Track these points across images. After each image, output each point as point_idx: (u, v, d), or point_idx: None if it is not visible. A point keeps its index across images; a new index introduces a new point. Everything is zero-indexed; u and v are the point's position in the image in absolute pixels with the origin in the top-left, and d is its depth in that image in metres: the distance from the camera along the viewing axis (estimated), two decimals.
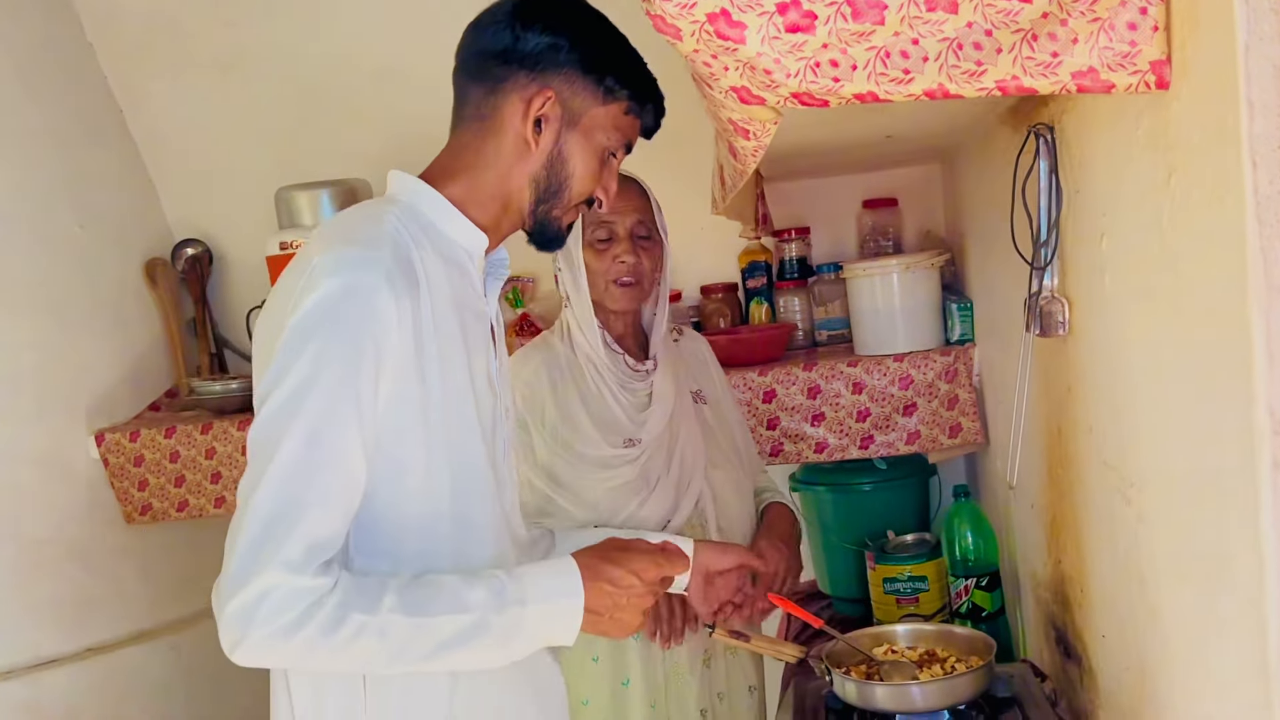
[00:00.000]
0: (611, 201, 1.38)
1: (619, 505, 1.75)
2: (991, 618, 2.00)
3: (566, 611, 1.25)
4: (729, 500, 1.87)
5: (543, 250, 1.40)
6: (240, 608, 1.09)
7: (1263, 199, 0.83)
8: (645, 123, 1.38)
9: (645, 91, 1.36)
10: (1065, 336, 1.43)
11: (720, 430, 1.93)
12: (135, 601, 2.58)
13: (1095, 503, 1.37)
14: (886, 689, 1.55)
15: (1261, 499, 0.85)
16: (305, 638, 1.10)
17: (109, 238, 2.66)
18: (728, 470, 1.88)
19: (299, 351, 1.13)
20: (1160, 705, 1.17)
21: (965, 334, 2.26)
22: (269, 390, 1.13)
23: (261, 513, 1.10)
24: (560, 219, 1.35)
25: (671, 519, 1.78)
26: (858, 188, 2.60)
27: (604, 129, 1.32)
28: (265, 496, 1.11)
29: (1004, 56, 1.00)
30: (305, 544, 1.11)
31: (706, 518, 1.83)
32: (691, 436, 1.84)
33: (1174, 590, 1.09)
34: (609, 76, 1.31)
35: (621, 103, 1.33)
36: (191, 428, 2.46)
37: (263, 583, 1.09)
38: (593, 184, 1.34)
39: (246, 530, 1.10)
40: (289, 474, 1.11)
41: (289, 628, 1.10)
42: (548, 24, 1.29)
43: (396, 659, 1.15)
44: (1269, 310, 0.83)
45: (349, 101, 2.70)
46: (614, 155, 1.36)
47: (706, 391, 1.96)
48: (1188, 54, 0.93)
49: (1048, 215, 1.41)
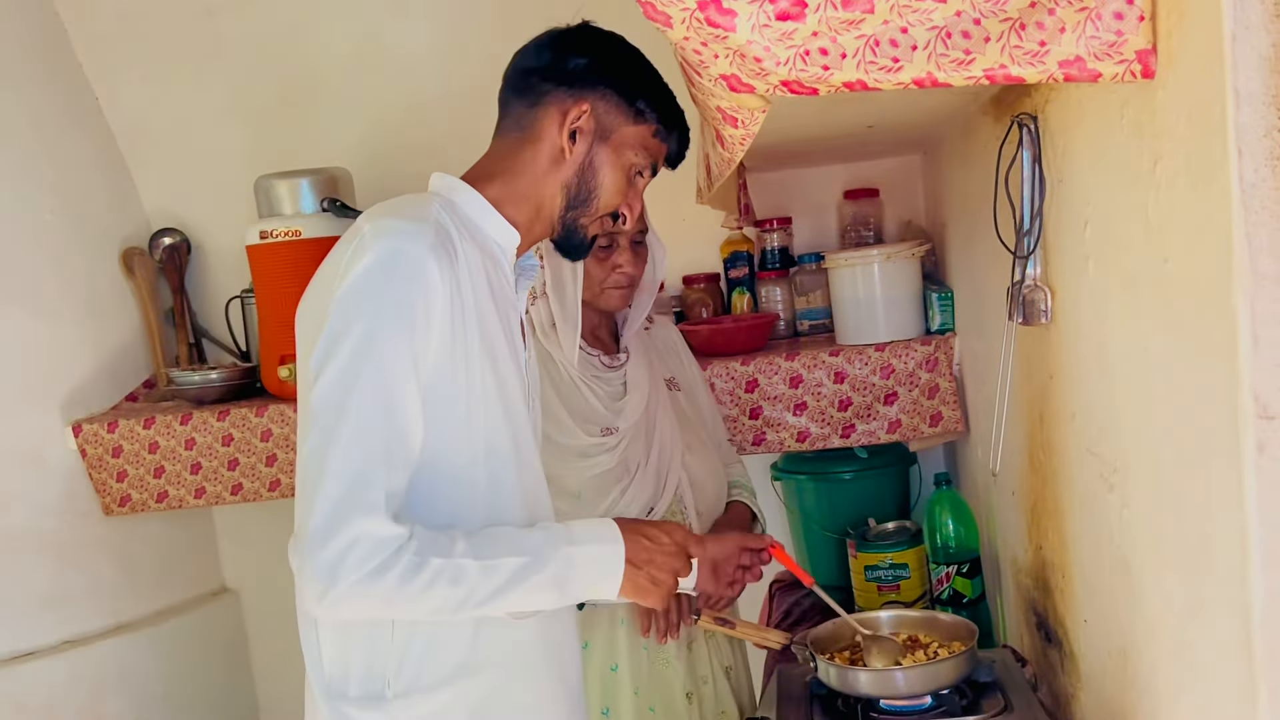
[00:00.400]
0: (635, 219, 1.49)
1: (601, 494, 1.76)
2: (972, 604, 2.02)
3: (610, 557, 1.35)
4: (705, 485, 1.88)
5: (567, 257, 1.52)
6: (329, 558, 1.17)
7: (1248, 186, 0.84)
8: (671, 148, 1.50)
9: (673, 119, 1.48)
10: (1048, 325, 1.44)
11: (695, 416, 1.95)
12: (114, 593, 2.56)
13: (1078, 489, 1.39)
14: (870, 674, 1.56)
15: (1245, 483, 0.86)
16: (388, 584, 1.19)
17: (85, 227, 2.63)
18: (704, 456, 1.89)
19: (355, 314, 1.21)
20: (1142, 688, 1.19)
21: (946, 323, 2.27)
22: (328, 352, 1.21)
23: (341, 469, 1.18)
24: (586, 228, 1.46)
25: (654, 506, 1.79)
26: (839, 178, 2.61)
27: (633, 147, 1.44)
28: (343, 454, 1.19)
29: (992, 45, 1.00)
30: (384, 496, 1.19)
31: (685, 504, 1.85)
32: (668, 423, 1.86)
33: (1157, 574, 1.11)
34: (640, 99, 1.43)
35: (650, 125, 1.45)
36: (171, 418, 2.44)
37: (350, 533, 1.17)
38: (619, 198, 1.45)
39: (326, 487, 1.18)
40: (362, 431, 1.20)
41: (374, 574, 1.18)
42: (589, 49, 1.43)
43: (465, 602, 1.24)
44: (1254, 296, 0.84)
45: (328, 90, 2.68)
46: (640, 175, 1.48)
47: (680, 378, 1.98)
48: (1173, 43, 0.94)
49: (1031, 204, 1.43)
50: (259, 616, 2.92)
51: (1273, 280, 0.84)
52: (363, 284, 1.23)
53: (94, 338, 2.60)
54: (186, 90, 2.72)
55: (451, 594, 1.23)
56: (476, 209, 1.40)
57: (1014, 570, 1.86)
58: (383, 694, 1.31)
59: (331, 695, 1.33)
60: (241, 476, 2.44)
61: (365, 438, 1.20)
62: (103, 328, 2.63)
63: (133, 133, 2.74)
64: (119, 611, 2.56)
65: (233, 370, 2.54)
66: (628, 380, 1.85)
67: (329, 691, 1.33)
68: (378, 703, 1.31)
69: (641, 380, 1.85)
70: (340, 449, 1.19)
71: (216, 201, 2.76)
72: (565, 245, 1.48)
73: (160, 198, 2.80)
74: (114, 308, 2.67)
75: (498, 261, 1.40)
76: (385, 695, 1.31)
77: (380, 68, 2.66)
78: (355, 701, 1.32)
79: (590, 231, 1.48)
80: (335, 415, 1.20)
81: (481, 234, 1.38)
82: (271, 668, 2.91)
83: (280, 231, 2.39)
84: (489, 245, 1.39)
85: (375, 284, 1.23)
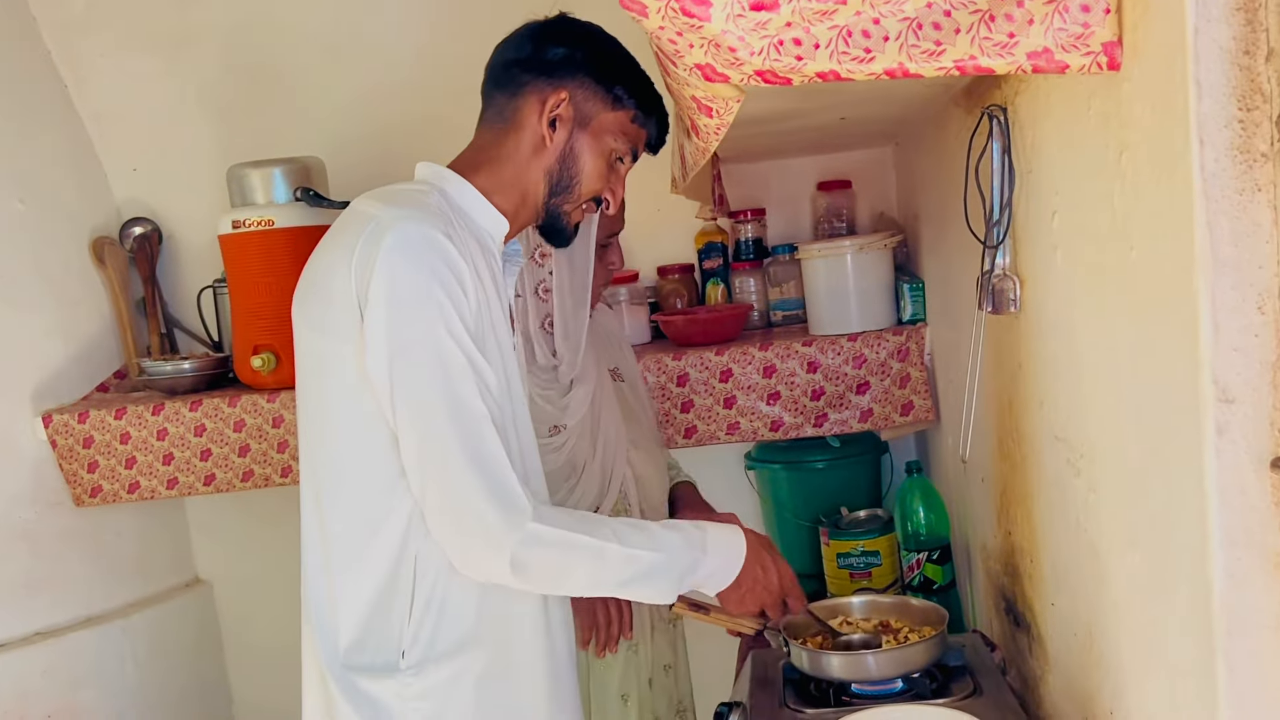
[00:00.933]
0: (618, 204, 1.53)
1: (548, 492, 1.75)
2: (943, 590, 2.05)
3: (726, 571, 1.45)
4: (650, 480, 1.88)
5: (551, 244, 1.56)
6: (506, 519, 1.29)
7: (1209, 176, 0.86)
8: (650, 134, 1.53)
9: (651, 104, 1.51)
10: (1017, 314, 1.47)
11: (639, 407, 1.95)
12: (85, 584, 2.55)
13: (1046, 475, 1.41)
14: (842, 658, 1.58)
15: (1205, 464, 0.89)
16: (561, 555, 1.32)
17: (55, 216, 2.60)
18: (648, 449, 1.89)
19: (416, 302, 1.29)
20: (1107, 667, 1.21)
21: (917, 313, 2.30)
22: (399, 349, 1.28)
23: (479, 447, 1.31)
24: (570, 214, 1.50)
25: (600, 505, 1.79)
26: (812, 170, 2.63)
27: (612, 133, 1.48)
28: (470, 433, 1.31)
29: (962, 36, 1.02)
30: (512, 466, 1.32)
31: (630, 500, 1.84)
32: (613, 419, 1.85)
33: (1122, 556, 1.13)
34: (618, 86, 1.47)
35: (629, 111, 1.49)
36: (142, 409, 2.43)
37: (515, 495, 1.30)
38: (600, 184, 1.49)
39: (477, 480, 1.29)
40: (474, 413, 1.31)
41: (551, 537, 1.32)
42: (566, 39, 1.47)
43: (600, 582, 1.36)
44: (1215, 283, 0.86)
45: (301, 79, 2.67)
46: (621, 160, 1.51)
47: (623, 368, 1.97)
48: (1138, 36, 0.96)
49: (1000, 195, 1.45)
50: (232, 608, 2.91)
51: (1232, 267, 0.86)
52: (408, 276, 1.29)
53: (64, 328, 2.58)
54: (157, 78, 2.70)
55: (594, 569, 1.34)
56: (467, 198, 1.44)
57: (983, 556, 1.89)
58: (396, 665, 1.36)
59: (345, 667, 1.37)
60: (214, 467, 2.43)
61: (475, 415, 1.30)
62: (73, 318, 2.61)
63: (103, 121, 2.72)
64: (91, 603, 2.55)
65: (205, 360, 2.52)
66: (574, 374, 1.84)
67: (343, 664, 1.38)
68: (391, 673, 1.37)
69: (587, 373, 1.83)
70: (460, 424, 1.29)
71: (188, 191, 2.74)
72: (549, 231, 1.53)
73: (131, 187, 2.77)
74: (84, 297, 2.64)
75: (488, 249, 1.43)
76: (399, 666, 1.36)
77: (354, 56, 2.65)
78: (368, 672, 1.37)
79: (574, 218, 1.52)
80: (449, 412, 1.29)
81: (473, 222, 1.43)
82: (245, 659, 2.90)
83: (253, 221, 2.38)
84: (480, 233, 1.44)
85: (420, 274, 1.29)
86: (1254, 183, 0.85)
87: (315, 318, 1.37)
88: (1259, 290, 0.86)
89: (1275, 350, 0.86)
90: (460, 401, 1.30)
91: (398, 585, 1.37)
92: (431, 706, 1.38)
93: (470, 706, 1.39)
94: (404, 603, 1.37)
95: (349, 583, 1.38)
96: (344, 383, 1.34)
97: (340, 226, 1.39)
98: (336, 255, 1.35)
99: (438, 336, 1.29)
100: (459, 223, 1.38)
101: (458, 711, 1.39)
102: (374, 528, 1.36)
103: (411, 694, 1.37)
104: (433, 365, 1.30)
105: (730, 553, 1.46)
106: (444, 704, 1.38)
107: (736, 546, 1.47)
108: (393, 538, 1.36)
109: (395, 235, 1.30)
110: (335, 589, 1.39)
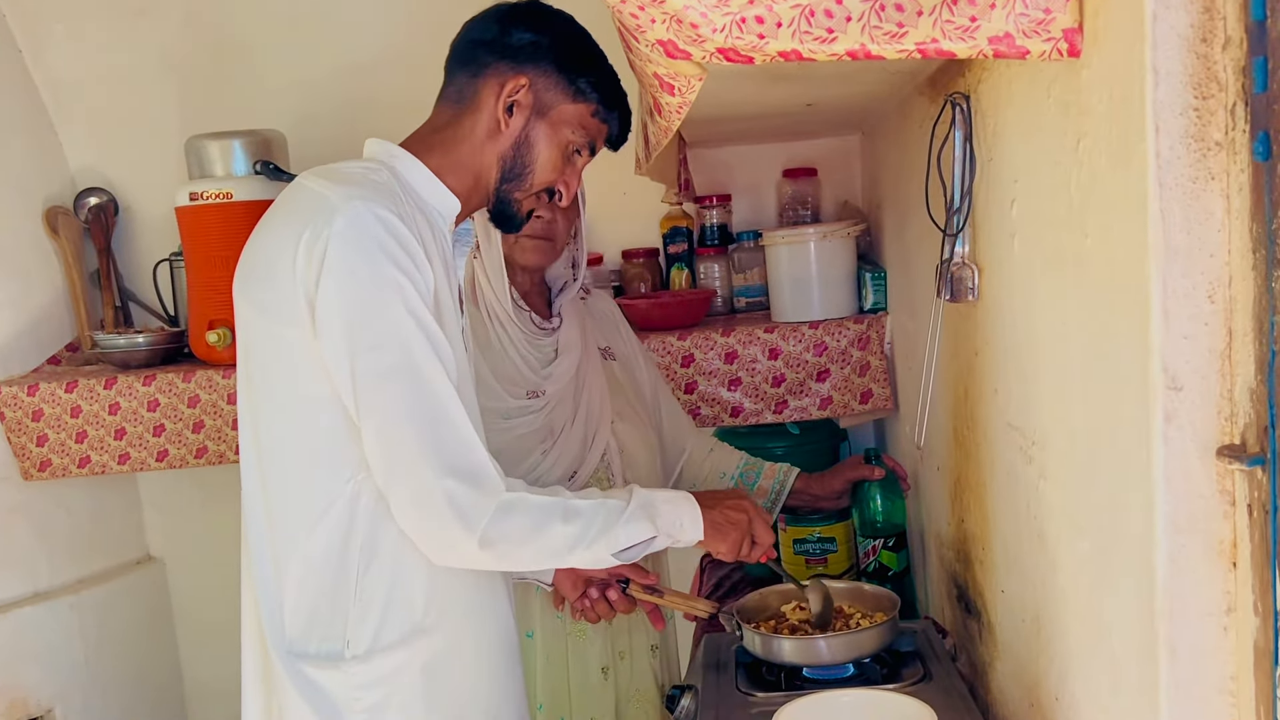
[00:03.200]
0: (571, 197, 1.50)
1: (522, 455, 1.73)
2: (897, 577, 2.06)
3: (680, 498, 1.47)
4: (636, 454, 1.87)
5: (500, 229, 1.56)
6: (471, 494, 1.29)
7: (1164, 163, 0.86)
8: (611, 130, 1.51)
9: (615, 100, 1.49)
10: (975, 302, 1.47)
11: (630, 386, 1.94)
12: (33, 560, 2.50)
13: (999, 463, 1.42)
14: (793, 643, 1.58)
15: (1153, 451, 0.89)
16: (524, 516, 1.33)
17: (6, 184, 2.54)
18: (635, 424, 1.88)
19: (376, 286, 1.27)
20: (1054, 653, 1.22)
21: (879, 302, 2.30)
22: (359, 335, 1.26)
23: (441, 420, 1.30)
24: (520, 202, 1.48)
25: (578, 470, 1.78)
26: (778, 157, 2.63)
27: (571, 125, 1.45)
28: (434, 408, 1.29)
29: (924, 19, 1.02)
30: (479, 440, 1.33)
31: (613, 471, 1.84)
32: (598, 389, 1.84)
33: (1071, 543, 1.14)
34: (582, 78, 1.45)
35: (590, 104, 1.46)
36: (94, 382, 2.38)
37: (479, 470, 1.31)
38: (554, 175, 1.47)
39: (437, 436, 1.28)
40: (438, 388, 1.30)
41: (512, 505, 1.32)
42: (534, 25, 1.44)
43: (579, 541, 1.35)
44: (1166, 270, 0.87)
45: (263, 49, 2.63)
46: (578, 153, 1.49)
47: (616, 348, 1.96)
48: (1099, 22, 0.97)
49: (961, 183, 1.45)
50: (184, 586, 2.87)
51: (1184, 255, 0.86)
52: (363, 260, 1.26)
53: (14, 298, 2.53)
54: (116, 45, 2.64)
55: (566, 530, 1.34)
56: (418, 177, 1.41)
57: (937, 544, 1.90)
58: (341, 654, 1.35)
59: (292, 654, 1.36)
60: (167, 443, 2.39)
61: (442, 395, 1.29)
62: (24, 288, 2.56)
63: (58, 88, 2.66)
64: (37, 579, 2.51)
65: (160, 335, 2.48)
66: (559, 345, 1.84)
67: (290, 650, 1.36)
68: (336, 662, 1.35)
69: (573, 344, 1.84)
70: (428, 404, 1.28)
71: (145, 161, 2.69)
72: (498, 217, 1.51)
73: (86, 156, 2.72)
74: (36, 268, 2.59)
75: (438, 228, 1.41)
76: (344, 655, 1.35)
77: (318, 28, 2.61)
78: (314, 660, 1.35)
79: (524, 206, 1.50)
80: (407, 380, 1.27)
81: (423, 201, 1.41)
82: (196, 638, 2.86)
83: (211, 194, 2.34)
84: (430, 213, 1.41)
85: (376, 256, 1.26)
86: (1207, 171, 0.86)
87: (259, 298, 1.34)
88: (1210, 279, 0.87)
89: (1224, 339, 0.87)
90: (425, 382, 1.28)
91: (344, 574, 1.35)
92: (378, 696, 1.36)
93: (418, 695, 1.38)
94: (349, 592, 1.34)
95: (293, 569, 1.35)
96: (288, 366, 1.32)
97: (287, 205, 1.36)
98: (284, 235, 1.31)
99: (397, 318, 1.27)
100: (409, 201, 1.36)
101: (404, 700, 1.37)
102: (318, 514, 1.33)
103: (357, 683, 1.35)
104: (394, 349, 1.27)
105: (680, 497, 1.47)
106: (390, 693, 1.36)
107: (683, 495, 1.49)
108: (338, 525, 1.34)
109: (346, 218, 1.27)
110: (281, 574, 1.36)
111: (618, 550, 1.39)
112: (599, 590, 1.64)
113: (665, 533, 1.43)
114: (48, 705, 2.47)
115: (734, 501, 1.55)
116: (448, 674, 1.40)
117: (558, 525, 1.34)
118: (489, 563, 1.35)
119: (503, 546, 1.31)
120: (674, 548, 1.52)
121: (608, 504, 1.39)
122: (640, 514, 1.40)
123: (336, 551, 1.34)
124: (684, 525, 1.46)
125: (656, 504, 1.43)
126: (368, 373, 1.27)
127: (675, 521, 1.45)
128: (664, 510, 1.44)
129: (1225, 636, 0.89)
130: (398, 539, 1.34)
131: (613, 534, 1.38)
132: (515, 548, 1.33)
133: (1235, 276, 0.86)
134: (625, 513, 1.39)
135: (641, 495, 1.43)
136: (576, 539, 1.35)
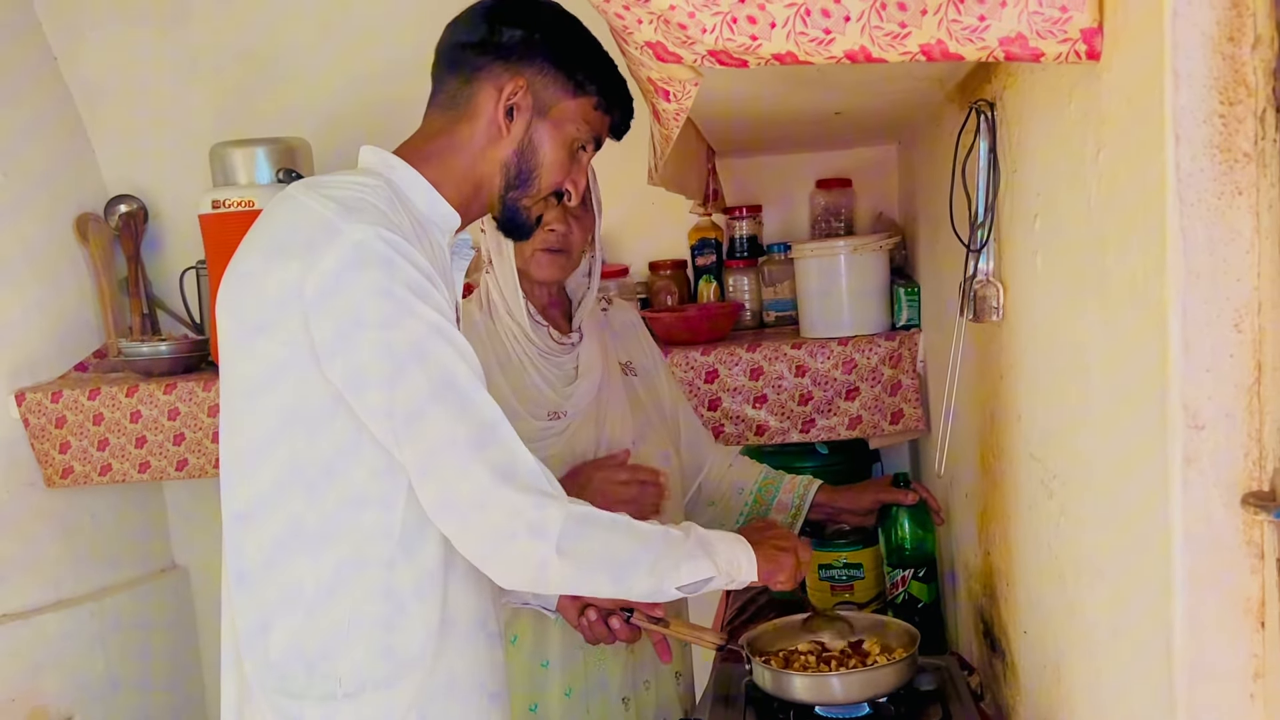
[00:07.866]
0: (580, 196, 1.41)
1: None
2: (928, 609, 1.96)
3: (729, 537, 1.40)
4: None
5: (510, 238, 1.48)
6: (566, 518, 1.23)
7: (1185, 176, 0.77)
8: (614, 120, 1.43)
9: (615, 89, 1.41)
10: (999, 322, 1.38)
11: (651, 404, 1.86)
12: (55, 566, 2.49)
13: (1023, 494, 1.33)
14: (805, 679, 1.50)
15: (1172, 497, 0.80)
16: (605, 533, 1.28)
17: (39, 191, 2.55)
18: (655, 444, 1.81)
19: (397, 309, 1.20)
20: (1074, 705, 1.13)
21: (912, 319, 2.21)
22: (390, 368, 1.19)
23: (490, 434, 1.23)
24: (529, 209, 1.39)
25: None
26: (812, 167, 2.54)
27: (574, 121, 1.37)
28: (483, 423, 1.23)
29: (929, 19, 0.94)
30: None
31: None
32: (619, 410, 1.77)
33: (1091, 587, 1.05)
34: (580, 71, 1.37)
35: (591, 98, 1.38)
36: (116, 390, 2.37)
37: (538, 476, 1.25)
38: (561, 175, 1.38)
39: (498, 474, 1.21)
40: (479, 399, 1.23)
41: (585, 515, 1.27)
42: (524, 20, 1.36)
43: (640, 564, 1.29)
44: (1187, 297, 0.78)
45: (293, 57, 2.61)
46: (584, 149, 1.41)
47: (637, 362, 1.88)
48: (1119, 21, 0.88)
49: (985, 196, 1.36)
50: (208, 595, 2.83)
51: (1207, 279, 0.78)
52: (379, 293, 1.20)
53: (44, 305, 2.54)
54: (148, 54, 2.64)
55: (640, 549, 1.28)
56: (416, 190, 1.33)
57: (965, 575, 1.80)
58: (334, 693, 1.27)
59: (283, 693, 1.28)
60: (187, 452, 2.37)
61: (484, 409, 1.23)
62: (54, 295, 2.56)
63: (92, 96, 2.67)
64: (60, 586, 2.50)
65: (183, 343, 2.47)
66: (580, 363, 1.77)
67: (280, 690, 1.28)
68: (328, 701, 1.27)
69: (594, 364, 1.77)
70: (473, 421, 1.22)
71: (176, 169, 2.68)
72: (508, 226, 1.42)
73: (118, 163, 2.72)
74: (66, 275, 2.60)
75: (436, 243, 1.33)
76: (335, 694, 1.27)
77: (346, 35, 2.59)
78: (306, 700, 1.28)
79: (534, 212, 1.41)
80: (446, 402, 1.21)
81: (421, 215, 1.33)
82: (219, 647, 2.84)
83: (233, 201, 2.32)
84: (429, 226, 1.34)
85: (393, 286, 1.20)
86: (1234, 185, 0.77)
87: (252, 318, 1.25)
88: (1236, 306, 0.78)
89: (1252, 373, 0.78)
90: (468, 401, 1.22)
91: (335, 609, 1.27)
92: None
93: None
94: (340, 631, 1.27)
95: (281, 603, 1.28)
96: (276, 386, 1.24)
97: (285, 223, 1.27)
98: (282, 257, 1.23)
99: (426, 342, 1.21)
100: (408, 216, 1.29)
101: None
102: (306, 545, 1.27)
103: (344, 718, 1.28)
104: (430, 375, 1.20)
105: (733, 538, 1.42)
106: None
107: (734, 536, 1.43)
108: (329, 562, 1.27)
109: (354, 249, 1.19)
110: (266, 608, 1.29)
111: (681, 585, 1.32)
112: (598, 613, 1.57)
113: (725, 573, 1.36)
114: (68, 713, 2.46)
115: (773, 531, 1.50)
116: (438, 708, 1.32)
117: (630, 542, 1.28)
118: (566, 575, 1.26)
119: (579, 554, 1.24)
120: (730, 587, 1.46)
121: (670, 533, 1.32)
122: (699, 550, 1.34)
123: (327, 586, 1.27)
124: (741, 565, 1.39)
125: (714, 543, 1.37)
126: (404, 402, 1.20)
127: (734, 562, 1.38)
128: (721, 549, 1.37)
129: (1253, 705, 0.80)
130: (388, 572, 1.27)
131: (678, 567, 1.31)
132: (588, 560, 1.26)
133: (1265, 303, 0.76)
134: (686, 546, 1.33)
135: (699, 532, 1.36)
136: (650, 564, 1.29)
